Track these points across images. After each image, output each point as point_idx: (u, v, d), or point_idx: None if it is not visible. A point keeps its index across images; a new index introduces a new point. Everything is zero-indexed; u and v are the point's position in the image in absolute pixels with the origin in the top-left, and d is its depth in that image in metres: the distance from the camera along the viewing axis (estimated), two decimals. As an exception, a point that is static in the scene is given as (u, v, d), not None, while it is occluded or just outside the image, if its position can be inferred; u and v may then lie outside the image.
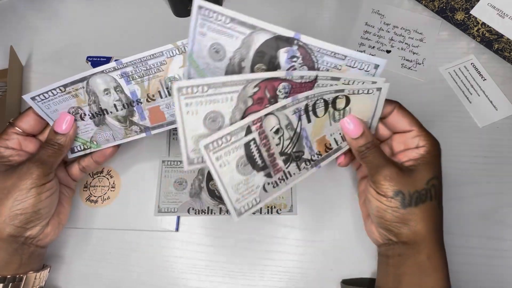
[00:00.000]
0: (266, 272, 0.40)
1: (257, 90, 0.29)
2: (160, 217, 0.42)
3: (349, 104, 0.32)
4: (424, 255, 0.30)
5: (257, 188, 0.30)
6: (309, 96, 0.30)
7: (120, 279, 0.40)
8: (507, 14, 0.45)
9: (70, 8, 0.55)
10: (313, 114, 0.31)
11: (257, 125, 0.28)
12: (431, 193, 0.31)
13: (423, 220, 0.30)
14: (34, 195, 0.31)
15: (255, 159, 0.29)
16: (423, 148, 0.32)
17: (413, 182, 0.30)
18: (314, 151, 0.32)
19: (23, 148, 0.34)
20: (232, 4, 0.55)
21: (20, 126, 0.34)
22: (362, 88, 0.31)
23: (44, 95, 0.33)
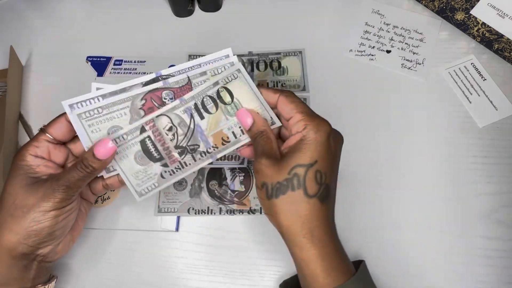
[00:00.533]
0: (266, 272, 0.40)
1: (145, 102, 0.35)
2: (160, 217, 0.42)
3: (234, 96, 0.36)
4: (295, 247, 0.30)
5: (155, 175, 0.35)
6: (194, 96, 0.35)
7: (120, 279, 0.40)
8: (507, 14, 0.45)
9: (69, 8, 0.55)
10: (205, 111, 0.36)
11: (150, 125, 0.35)
12: (293, 182, 0.29)
13: (283, 211, 0.29)
14: (52, 217, 0.30)
15: (152, 152, 0.35)
16: (299, 134, 0.31)
17: (277, 172, 0.30)
18: (210, 144, 0.36)
19: (52, 158, 0.33)
20: (231, 5, 0.55)
21: (52, 133, 0.33)
22: (228, 74, 0.36)
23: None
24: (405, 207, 0.42)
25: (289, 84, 0.49)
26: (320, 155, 0.30)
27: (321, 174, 0.29)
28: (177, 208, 0.42)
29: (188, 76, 0.36)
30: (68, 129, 0.34)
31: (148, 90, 0.35)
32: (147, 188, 0.36)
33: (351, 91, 0.48)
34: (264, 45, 0.51)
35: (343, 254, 0.31)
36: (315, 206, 0.29)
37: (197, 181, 0.43)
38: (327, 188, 0.30)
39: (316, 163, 0.29)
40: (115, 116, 0.35)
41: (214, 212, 0.42)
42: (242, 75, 0.36)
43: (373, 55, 0.50)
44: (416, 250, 0.41)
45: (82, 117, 0.34)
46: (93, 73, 0.50)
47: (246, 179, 0.43)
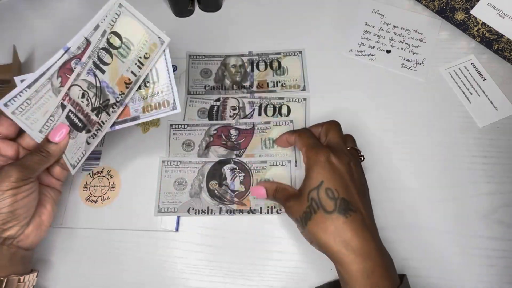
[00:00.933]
0: (266, 272, 0.40)
1: (61, 79, 0.36)
2: (160, 217, 0.42)
3: (122, 36, 0.35)
4: (337, 264, 0.32)
5: (82, 144, 0.37)
6: (89, 55, 0.36)
7: (120, 279, 0.40)
8: (507, 14, 0.45)
9: (69, 8, 0.55)
10: (103, 64, 0.36)
11: (67, 99, 0.36)
12: (313, 206, 0.33)
13: (315, 234, 0.32)
14: (10, 195, 0.32)
15: (77, 124, 0.37)
16: (305, 164, 0.35)
17: (300, 204, 0.34)
18: (116, 93, 0.36)
19: (2, 152, 0.35)
20: (231, 5, 0.55)
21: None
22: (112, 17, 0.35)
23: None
24: (405, 207, 0.42)
25: (289, 84, 0.49)
26: (324, 176, 0.33)
27: (332, 191, 0.32)
28: (177, 208, 0.42)
29: (85, 37, 0.36)
30: (10, 124, 0.36)
31: (59, 67, 0.36)
32: (78, 158, 0.37)
33: (351, 91, 0.48)
34: (264, 45, 0.51)
35: (388, 266, 0.31)
36: (339, 220, 0.31)
37: (197, 181, 0.43)
38: (344, 201, 0.32)
39: (322, 183, 0.33)
40: (43, 102, 0.36)
41: (214, 212, 0.42)
42: (125, 9, 0.35)
43: (373, 55, 0.50)
44: (416, 250, 0.41)
45: (16, 113, 0.36)
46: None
47: (246, 179, 0.43)
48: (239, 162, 0.43)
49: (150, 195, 0.43)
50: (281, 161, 0.43)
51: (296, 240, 0.41)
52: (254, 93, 0.48)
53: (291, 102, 0.47)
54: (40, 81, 0.36)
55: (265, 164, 0.43)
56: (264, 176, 0.42)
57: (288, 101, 0.47)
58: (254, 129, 0.45)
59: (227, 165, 0.43)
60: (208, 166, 0.43)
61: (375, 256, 0.30)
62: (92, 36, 0.36)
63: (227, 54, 0.51)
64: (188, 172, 0.43)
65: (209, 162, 0.43)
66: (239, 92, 0.48)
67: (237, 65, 0.50)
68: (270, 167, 0.43)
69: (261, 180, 0.42)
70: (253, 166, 0.43)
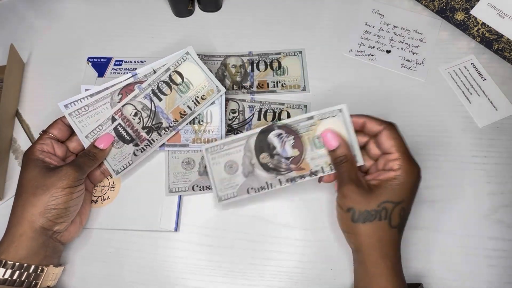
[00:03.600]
0: (266, 272, 0.40)
1: (121, 96, 0.42)
2: (160, 217, 0.42)
3: (184, 77, 0.43)
4: (369, 263, 0.34)
5: (129, 155, 0.42)
6: (150, 83, 0.43)
7: (119, 279, 0.40)
8: (507, 14, 0.45)
9: (70, 8, 0.55)
10: (161, 93, 0.43)
11: (119, 114, 0.42)
12: (381, 214, 0.33)
13: (367, 235, 0.34)
14: (67, 193, 0.36)
15: (124, 136, 0.42)
16: (393, 172, 0.34)
17: (367, 202, 0.34)
18: (170, 119, 0.43)
19: (56, 152, 0.40)
20: (231, 5, 0.55)
21: (52, 132, 0.40)
22: (177, 59, 0.43)
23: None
24: (405, 207, 0.42)
25: (289, 84, 0.49)
26: (407, 195, 0.34)
27: (404, 211, 0.34)
28: (235, 192, 0.40)
29: (154, 68, 0.43)
30: (65, 129, 0.41)
31: (123, 86, 0.43)
32: (123, 166, 0.42)
33: (351, 91, 0.48)
34: (264, 45, 0.51)
35: (403, 273, 0.35)
36: (394, 235, 0.34)
37: (246, 159, 0.40)
38: (405, 221, 0.35)
39: (402, 202, 0.34)
40: (99, 112, 0.42)
41: (274, 185, 0.39)
42: (190, 57, 0.43)
43: (373, 55, 0.50)
44: (416, 250, 0.41)
45: (72, 115, 0.41)
46: (93, 73, 0.50)
47: (297, 142, 0.39)
48: (283, 126, 0.39)
49: (149, 195, 0.43)
50: (330, 112, 0.38)
51: (296, 240, 0.41)
52: (254, 93, 0.48)
53: (291, 108, 0.47)
54: (102, 94, 0.42)
55: (312, 120, 0.38)
56: (316, 133, 0.39)
57: (288, 107, 0.47)
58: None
59: (271, 132, 0.39)
60: (253, 140, 0.39)
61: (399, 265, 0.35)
62: (159, 70, 0.43)
63: (227, 54, 0.51)
64: (235, 153, 0.40)
65: (251, 136, 0.39)
66: (239, 92, 0.48)
67: (237, 65, 0.50)
68: (319, 121, 0.38)
69: (316, 138, 0.38)
70: (299, 125, 0.39)
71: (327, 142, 0.37)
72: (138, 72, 0.43)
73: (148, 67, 0.43)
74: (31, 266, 0.35)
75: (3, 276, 0.33)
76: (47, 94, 0.49)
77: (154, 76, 0.43)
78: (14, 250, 0.34)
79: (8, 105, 0.47)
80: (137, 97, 0.42)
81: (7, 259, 0.34)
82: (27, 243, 0.35)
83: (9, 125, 0.47)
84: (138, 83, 0.43)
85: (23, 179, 0.37)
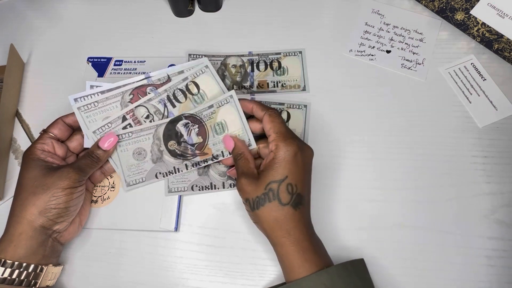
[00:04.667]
0: (266, 272, 0.40)
1: (132, 97, 0.43)
2: (160, 217, 0.42)
3: (200, 88, 0.43)
4: (277, 245, 0.35)
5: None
6: (166, 89, 0.43)
7: (120, 279, 0.40)
8: (507, 14, 0.45)
9: (70, 8, 0.55)
10: (176, 101, 0.43)
11: (130, 114, 0.42)
12: (269, 195, 0.35)
13: (265, 219, 0.35)
14: (68, 193, 0.36)
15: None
16: (272, 153, 0.36)
17: (256, 188, 0.35)
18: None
19: (56, 152, 0.39)
20: (231, 5, 0.55)
21: (52, 131, 0.40)
22: (196, 70, 0.43)
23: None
24: (405, 207, 0.42)
25: (289, 84, 0.49)
26: (290, 170, 0.35)
27: (292, 186, 0.35)
28: (144, 177, 0.42)
29: (168, 74, 0.44)
30: (65, 129, 0.41)
31: (135, 86, 0.43)
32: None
33: (351, 91, 0.48)
34: (264, 45, 0.51)
35: (321, 250, 0.35)
36: (289, 212, 0.34)
37: (155, 146, 0.42)
38: (299, 196, 0.35)
39: (286, 178, 0.35)
40: (108, 109, 0.42)
41: (181, 169, 0.42)
42: (209, 70, 0.43)
43: (373, 55, 0.50)
44: (416, 250, 0.41)
45: (80, 110, 0.41)
46: (93, 73, 0.50)
47: (201, 130, 0.42)
48: (190, 116, 0.42)
49: (149, 195, 0.43)
50: (223, 99, 0.42)
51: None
52: (255, 94, 0.48)
53: (292, 109, 0.47)
54: (113, 92, 0.42)
55: (212, 109, 0.42)
56: (216, 121, 0.42)
57: (288, 107, 0.47)
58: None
59: (180, 122, 0.42)
60: (162, 129, 0.42)
61: (310, 239, 0.35)
62: (174, 77, 0.43)
63: (227, 54, 0.51)
64: (143, 141, 0.42)
65: (161, 125, 0.42)
66: (239, 92, 0.48)
67: (237, 65, 0.50)
68: (218, 109, 0.42)
69: (216, 125, 0.42)
70: (203, 114, 0.42)
71: (226, 145, 0.40)
72: (152, 75, 0.43)
73: (163, 71, 0.43)
74: (30, 265, 0.34)
75: (2, 275, 0.33)
76: (47, 94, 0.49)
77: (171, 83, 0.43)
78: (13, 249, 0.34)
79: (8, 105, 0.47)
80: (151, 100, 0.42)
81: (6, 258, 0.34)
82: (26, 242, 0.35)
83: (9, 125, 0.47)
84: (150, 85, 0.43)
85: (23, 178, 0.37)
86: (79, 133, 0.42)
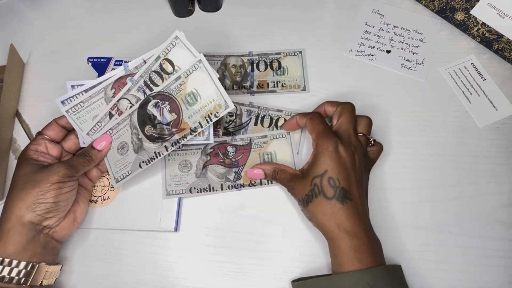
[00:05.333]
0: (266, 272, 0.40)
1: (115, 91, 0.42)
2: (160, 217, 0.42)
3: (175, 64, 0.41)
4: (329, 241, 0.36)
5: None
6: (141, 75, 0.41)
7: (120, 279, 0.40)
8: (507, 14, 0.45)
9: (69, 8, 0.55)
10: (153, 85, 0.41)
11: (115, 109, 0.41)
12: (315, 191, 0.36)
13: (315, 214, 0.36)
14: (56, 188, 0.36)
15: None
16: (313, 151, 0.38)
17: (303, 188, 0.37)
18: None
19: (49, 152, 0.40)
20: (231, 5, 0.55)
21: (46, 133, 0.40)
22: (167, 45, 0.40)
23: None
24: (405, 207, 0.42)
25: (289, 84, 0.49)
26: (329, 165, 0.36)
27: (333, 180, 0.36)
28: (130, 170, 0.41)
29: (144, 59, 0.42)
30: (58, 130, 0.41)
31: (115, 80, 0.42)
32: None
33: (351, 91, 0.48)
34: (264, 45, 0.51)
35: (372, 249, 0.35)
36: (336, 205, 0.35)
37: (134, 136, 0.41)
38: (343, 190, 0.35)
39: (326, 172, 0.36)
40: (94, 107, 0.42)
41: (161, 153, 0.40)
42: (180, 41, 0.40)
43: (373, 55, 0.50)
44: (416, 250, 0.41)
45: (69, 112, 0.41)
46: (93, 73, 0.50)
47: (172, 106, 0.40)
48: (158, 94, 0.40)
49: (149, 194, 0.43)
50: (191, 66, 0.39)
51: (296, 240, 0.41)
52: (255, 93, 0.48)
53: (289, 116, 0.46)
54: (95, 89, 0.42)
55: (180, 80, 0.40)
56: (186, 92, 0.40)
57: (286, 114, 0.46)
58: (251, 144, 0.44)
59: (149, 103, 0.40)
60: (135, 116, 0.41)
61: (362, 236, 0.35)
62: (149, 59, 0.41)
63: (227, 54, 0.51)
64: (123, 134, 0.41)
65: (133, 113, 0.41)
66: (240, 92, 0.48)
67: (237, 65, 0.50)
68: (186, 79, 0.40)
69: (187, 96, 0.40)
70: (170, 89, 0.40)
71: (255, 177, 0.42)
72: (129, 64, 0.42)
73: (138, 58, 0.42)
74: (21, 263, 0.34)
75: None
76: (47, 94, 0.49)
77: (145, 66, 0.41)
78: (3, 245, 0.34)
79: (8, 105, 0.47)
80: (130, 90, 0.41)
81: None
82: (15, 238, 0.34)
83: (9, 125, 0.47)
84: (130, 75, 0.42)
85: (16, 176, 0.37)
86: (73, 133, 0.42)
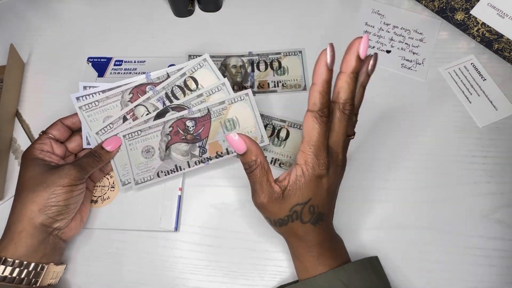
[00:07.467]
0: (266, 272, 0.40)
1: (132, 96, 0.43)
2: (160, 217, 0.42)
3: (199, 83, 0.43)
4: (296, 260, 0.35)
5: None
6: (164, 87, 0.43)
7: (120, 279, 0.40)
8: (507, 14, 0.45)
9: (70, 8, 0.55)
10: (174, 98, 0.43)
11: (130, 114, 0.42)
12: (292, 217, 0.33)
13: (285, 234, 0.35)
14: (68, 191, 0.36)
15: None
16: (299, 168, 0.31)
17: (279, 211, 0.33)
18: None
19: (55, 151, 0.40)
20: (231, 5, 0.55)
21: (51, 132, 0.40)
22: (194, 65, 0.43)
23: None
24: (405, 207, 0.42)
25: (290, 84, 0.49)
26: (314, 193, 0.32)
27: (314, 207, 0.33)
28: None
29: (167, 72, 0.43)
30: (64, 130, 0.41)
31: (134, 86, 0.43)
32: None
33: (351, 91, 0.48)
34: (264, 45, 0.51)
35: (337, 252, 0.35)
36: (309, 228, 0.33)
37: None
38: (319, 215, 0.33)
39: (310, 200, 0.32)
40: (108, 108, 0.43)
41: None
42: (207, 64, 0.43)
43: (373, 55, 0.50)
44: (416, 250, 0.41)
45: (82, 109, 0.42)
46: (93, 73, 0.50)
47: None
48: (176, 106, 0.42)
49: (149, 194, 0.43)
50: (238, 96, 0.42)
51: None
52: (255, 94, 0.48)
53: (292, 128, 0.46)
54: (114, 91, 0.43)
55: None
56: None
57: (289, 125, 0.46)
58: (210, 114, 0.42)
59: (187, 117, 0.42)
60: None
61: (326, 245, 0.34)
62: (173, 74, 0.43)
63: (227, 55, 0.51)
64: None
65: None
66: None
67: (237, 66, 0.50)
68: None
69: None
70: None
71: (234, 146, 0.32)
72: (151, 74, 0.43)
73: (162, 70, 0.43)
74: (31, 264, 0.34)
75: (2, 273, 0.33)
76: (47, 94, 0.49)
77: (169, 80, 0.43)
78: (14, 247, 0.34)
79: (8, 105, 0.47)
80: (150, 99, 0.42)
81: (6, 256, 0.34)
82: (27, 240, 0.35)
83: (9, 125, 0.47)
84: (150, 84, 0.43)
85: (23, 177, 0.37)
86: (78, 134, 0.42)
